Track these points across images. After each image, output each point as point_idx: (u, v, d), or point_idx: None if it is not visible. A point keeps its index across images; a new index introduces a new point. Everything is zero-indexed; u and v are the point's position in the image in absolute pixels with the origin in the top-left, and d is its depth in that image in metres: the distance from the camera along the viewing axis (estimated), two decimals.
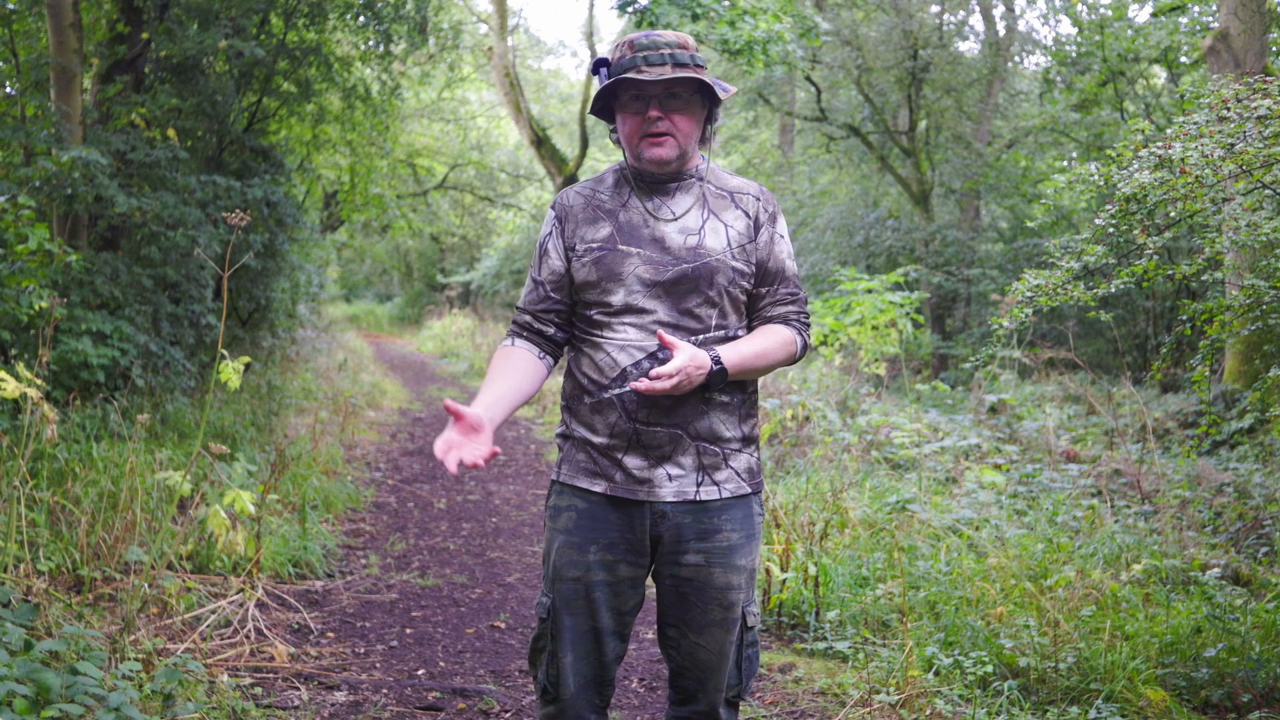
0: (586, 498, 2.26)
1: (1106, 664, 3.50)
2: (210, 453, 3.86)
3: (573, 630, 2.25)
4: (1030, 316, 4.37)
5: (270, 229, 8.70)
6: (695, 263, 2.23)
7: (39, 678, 2.66)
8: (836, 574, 4.50)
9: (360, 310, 29.97)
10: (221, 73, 8.69)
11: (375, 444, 9.06)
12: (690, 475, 2.24)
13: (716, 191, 2.33)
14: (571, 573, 2.25)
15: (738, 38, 9.32)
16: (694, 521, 2.24)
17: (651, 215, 2.28)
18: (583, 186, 2.38)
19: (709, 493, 2.25)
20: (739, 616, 2.29)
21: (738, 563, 2.27)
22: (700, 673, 2.29)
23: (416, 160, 22.10)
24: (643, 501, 2.24)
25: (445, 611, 4.63)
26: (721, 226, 2.28)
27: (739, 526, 2.27)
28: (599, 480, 2.25)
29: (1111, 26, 14.65)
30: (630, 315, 2.22)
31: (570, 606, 2.25)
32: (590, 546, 2.24)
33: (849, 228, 16.23)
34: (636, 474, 2.23)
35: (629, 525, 2.25)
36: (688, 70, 2.21)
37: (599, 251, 2.25)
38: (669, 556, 2.26)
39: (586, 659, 2.26)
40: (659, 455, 2.23)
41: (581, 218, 2.30)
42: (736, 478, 2.28)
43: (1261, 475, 6.08)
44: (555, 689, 2.27)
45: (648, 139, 2.23)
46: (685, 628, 2.28)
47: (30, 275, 5.67)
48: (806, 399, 8.00)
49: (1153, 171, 3.70)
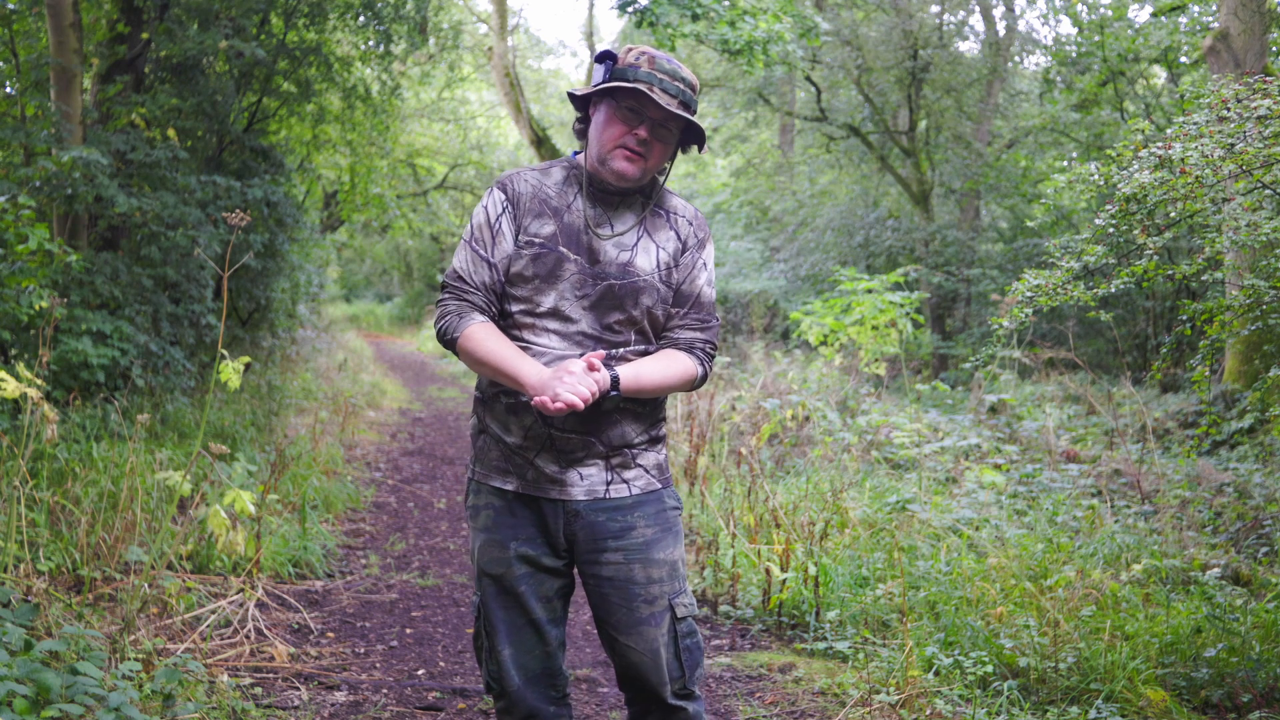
0: (501, 495, 2.31)
1: (1106, 664, 3.50)
2: (210, 453, 3.86)
3: (507, 624, 2.29)
4: (1030, 316, 4.37)
5: (270, 229, 8.70)
6: (623, 280, 2.25)
7: (39, 678, 2.66)
8: (836, 574, 4.50)
9: (360, 310, 29.96)
10: (221, 73, 8.69)
11: (375, 444, 9.06)
12: (599, 475, 2.28)
13: (655, 210, 2.34)
14: (495, 569, 2.29)
15: (738, 38, 9.32)
16: (608, 520, 2.27)
17: (590, 225, 2.28)
18: (529, 174, 2.35)
19: (619, 491, 2.29)
20: (665, 609, 2.30)
21: (656, 557, 2.30)
22: (636, 672, 2.32)
23: (416, 160, 22.10)
24: (555, 500, 2.27)
25: (445, 611, 4.63)
26: (653, 247, 2.30)
27: (653, 522, 2.31)
28: (510, 479, 2.29)
29: (1111, 26, 14.64)
30: (555, 321, 2.24)
31: (499, 601, 2.30)
32: (510, 543, 2.28)
33: (849, 228, 16.23)
34: (548, 473, 2.26)
35: (543, 523, 2.28)
36: (691, 115, 2.25)
37: (540, 249, 2.25)
38: (588, 557, 2.29)
39: (529, 652, 2.31)
40: (571, 459, 2.26)
41: (529, 208, 2.29)
42: (645, 474, 2.32)
43: (1261, 475, 6.08)
44: (499, 683, 2.32)
45: (623, 150, 2.23)
46: (615, 630, 2.31)
47: (30, 275, 5.66)
48: (806, 399, 8.00)
49: (1153, 171, 3.70)
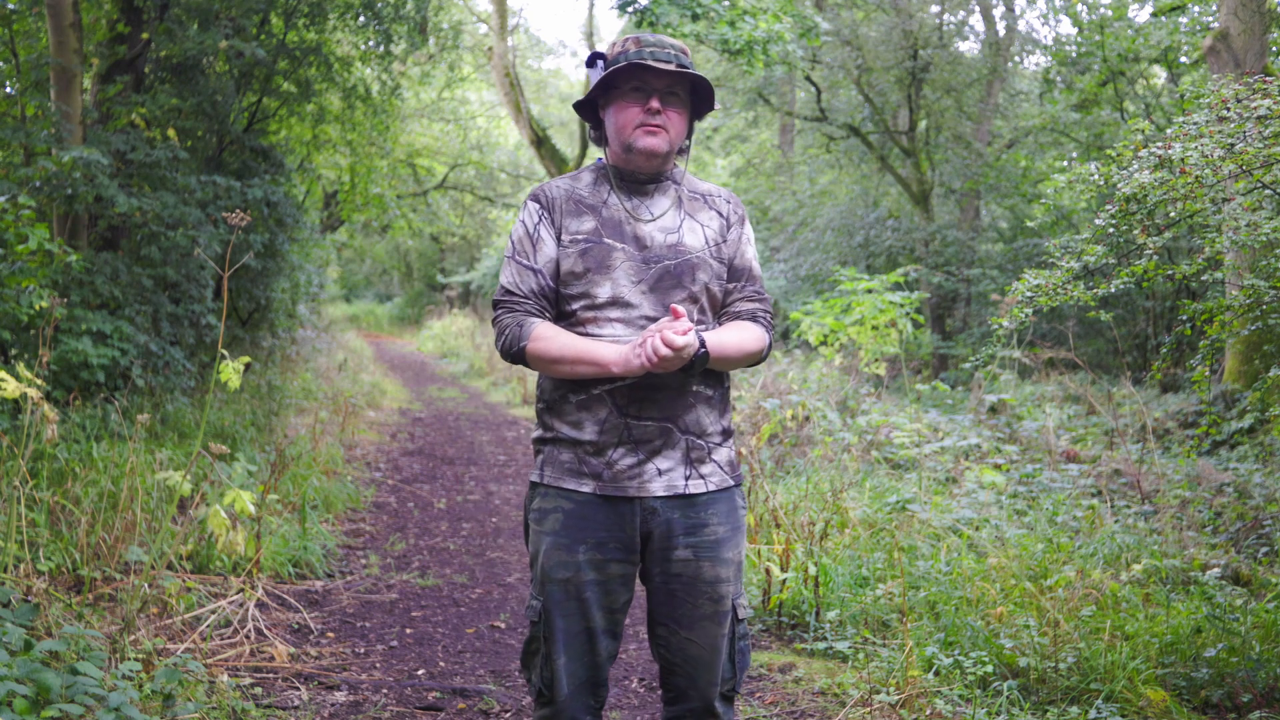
0: (573, 498, 2.27)
1: (1106, 664, 3.50)
2: (210, 453, 3.86)
3: (565, 632, 2.26)
4: (1030, 316, 4.37)
5: (270, 229, 8.70)
6: (676, 260, 2.28)
7: (39, 678, 2.66)
8: (836, 574, 4.50)
9: (360, 310, 29.96)
10: (221, 73, 8.69)
11: (375, 444, 9.06)
12: (679, 469, 2.26)
13: (690, 195, 2.39)
14: (561, 574, 2.25)
15: (738, 38, 9.32)
16: (682, 516, 2.26)
17: (631, 214, 2.32)
18: (560, 180, 2.41)
19: (696, 486, 2.28)
20: (729, 609, 2.30)
21: (725, 555, 2.29)
22: (691, 669, 2.30)
23: (416, 160, 22.09)
24: (632, 498, 2.25)
25: (445, 611, 4.63)
26: (698, 226, 2.34)
27: (724, 520, 2.30)
28: (586, 480, 2.26)
29: (1111, 26, 14.64)
30: (616, 310, 2.24)
31: (562, 608, 2.26)
32: (579, 547, 2.25)
33: (849, 228, 16.23)
34: (626, 470, 2.24)
35: (619, 523, 2.25)
36: (690, 71, 2.28)
37: (585, 243, 2.28)
38: (659, 553, 2.27)
39: (580, 660, 2.27)
40: (649, 449, 2.24)
41: (565, 209, 2.33)
42: (720, 471, 2.32)
43: (1261, 475, 6.08)
44: (550, 690, 2.27)
45: (644, 128, 2.26)
46: (675, 624, 2.29)
47: (30, 275, 5.66)
48: (806, 399, 7.99)
49: (1153, 171, 3.70)
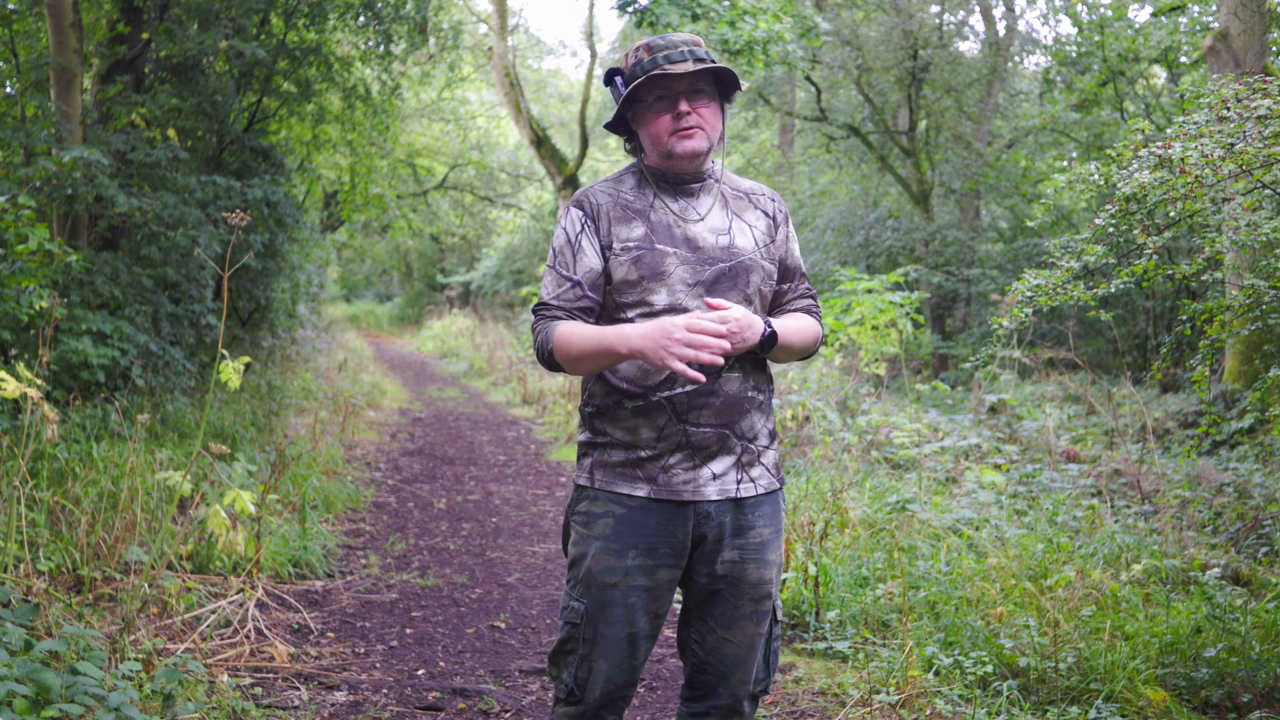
0: (625, 503, 2.24)
1: (1106, 664, 3.50)
2: (210, 453, 3.86)
3: (608, 638, 2.23)
4: (1030, 316, 4.37)
5: (270, 229, 8.70)
6: (731, 261, 2.26)
7: (39, 678, 2.66)
8: (836, 574, 4.50)
9: (360, 310, 29.97)
10: (221, 73, 8.69)
11: (375, 444, 9.06)
12: (731, 473, 2.25)
13: (733, 193, 2.36)
14: (610, 578, 2.23)
15: (738, 38, 9.32)
16: (732, 519, 2.26)
17: (679, 217, 2.29)
18: (604, 185, 2.35)
19: (747, 489, 2.27)
20: (769, 610, 2.30)
21: (769, 557, 2.29)
22: (724, 667, 2.29)
23: (416, 160, 22.10)
24: (687, 502, 2.23)
25: (445, 611, 4.63)
26: (746, 227, 2.32)
27: (769, 522, 2.30)
28: (640, 484, 2.23)
29: (1111, 26, 14.64)
30: (674, 316, 2.18)
31: (607, 614, 2.23)
32: (629, 552, 2.22)
33: (849, 228, 16.23)
34: (681, 474, 2.22)
35: (670, 528, 2.23)
36: (708, 64, 2.23)
37: (638, 250, 2.24)
38: (708, 555, 2.26)
39: (620, 666, 2.25)
40: (706, 455, 2.23)
41: (614, 216, 2.28)
42: (768, 474, 2.31)
43: (1261, 475, 6.08)
44: (581, 691, 2.26)
45: (679, 134, 2.23)
46: (713, 623, 2.28)
47: (30, 275, 5.67)
48: (806, 399, 8.00)
49: (1153, 171, 3.70)
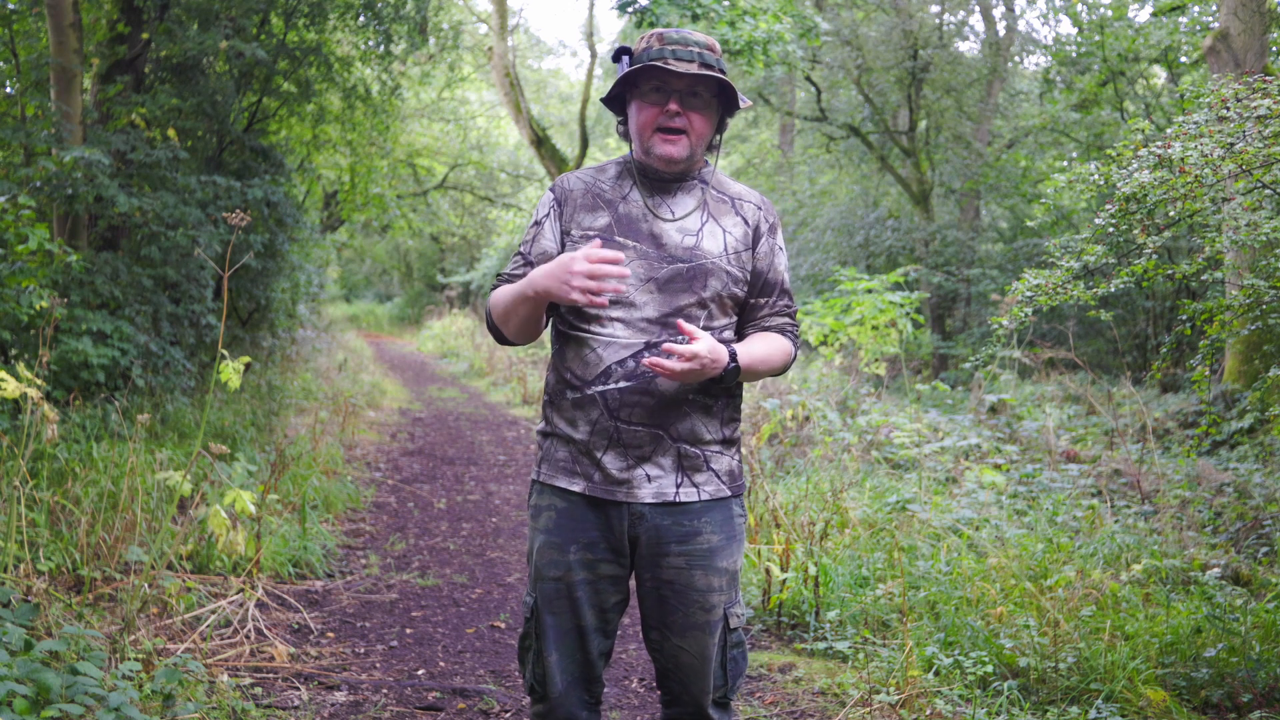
0: (566, 497, 2.26)
1: (1106, 664, 3.50)
2: (210, 453, 3.86)
3: (556, 629, 2.25)
4: (1030, 316, 4.37)
5: (270, 229, 8.70)
6: (691, 263, 2.23)
7: (39, 678, 2.66)
8: (836, 574, 4.50)
9: (360, 310, 29.97)
10: (221, 73, 8.69)
11: (375, 444, 9.06)
12: (670, 476, 2.23)
13: (718, 196, 2.33)
14: (552, 572, 2.25)
15: (738, 38, 9.32)
16: (673, 524, 2.24)
17: (651, 212, 2.27)
18: (584, 173, 2.36)
19: (688, 494, 2.24)
20: (720, 619, 2.28)
21: (718, 565, 2.27)
22: (683, 675, 2.29)
23: (416, 160, 22.10)
24: (620, 502, 2.23)
25: (445, 611, 4.63)
26: (720, 231, 2.29)
27: (719, 529, 2.27)
28: (577, 479, 2.25)
29: (1111, 26, 14.64)
30: (620, 309, 2.20)
31: (553, 606, 2.25)
32: (570, 546, 2.24)
33: (849, 228, 16.23)
34: (615, 474, 2.22)
35: (607, 526, 2.24)
36: (714, 72, 2.21)
37: (595, 239, 2.23)
38: (649, 559, 2.25)
39: (572, 657, 2.26)
40: (638, 455, 2.21)
41: (580, 203, 2.29)
42: (716, 480, 2.28)
43: (1261, 475, 6.08)
44: (543, 687, 2.28)
45: (661, 134, 2.22)
46: (667, 631, 2.28)
47: (30, 275, 5.67)
48: (806, 399, 7.99)
49: (1153, 171, 3.71)
